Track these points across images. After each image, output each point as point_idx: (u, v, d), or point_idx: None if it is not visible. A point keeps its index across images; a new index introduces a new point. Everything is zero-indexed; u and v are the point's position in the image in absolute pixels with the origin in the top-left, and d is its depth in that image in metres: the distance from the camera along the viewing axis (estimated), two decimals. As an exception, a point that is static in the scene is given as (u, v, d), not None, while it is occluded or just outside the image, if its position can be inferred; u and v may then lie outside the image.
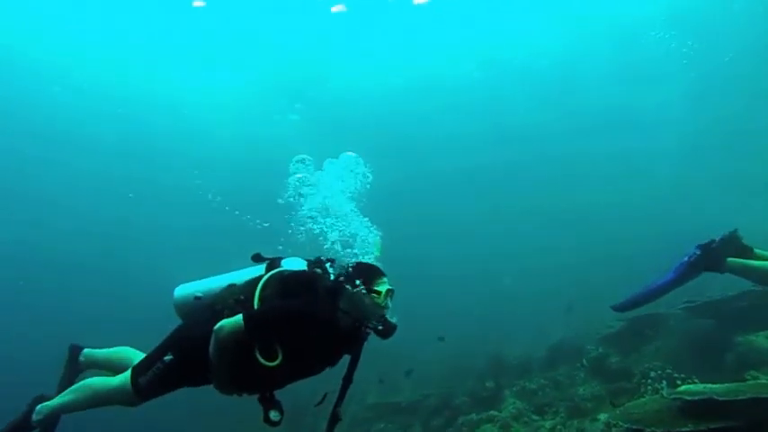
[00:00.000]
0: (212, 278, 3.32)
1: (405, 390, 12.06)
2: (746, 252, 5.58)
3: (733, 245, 5.61)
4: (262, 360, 2.71)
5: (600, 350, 9.63)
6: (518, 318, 19.27)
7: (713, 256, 5.58)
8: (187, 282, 3.40)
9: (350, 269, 3.03)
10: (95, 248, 23.68)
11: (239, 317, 2.74)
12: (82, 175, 21.34)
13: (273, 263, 3.25)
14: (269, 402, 2.86)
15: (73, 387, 3.22)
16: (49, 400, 3.27)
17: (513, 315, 20.47)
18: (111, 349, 3.52)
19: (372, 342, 3.08)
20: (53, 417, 3.23)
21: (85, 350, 3.59)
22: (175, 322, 3.29)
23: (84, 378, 3.38)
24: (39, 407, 3.23)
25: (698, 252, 5.70)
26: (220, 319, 2.80)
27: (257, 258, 3.32)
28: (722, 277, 5.89)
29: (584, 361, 9.35)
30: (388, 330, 2.93)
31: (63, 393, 3.22)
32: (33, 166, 20.49)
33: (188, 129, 20.04)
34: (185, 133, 20.10)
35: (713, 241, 5.67)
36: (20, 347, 20.77)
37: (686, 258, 5.81)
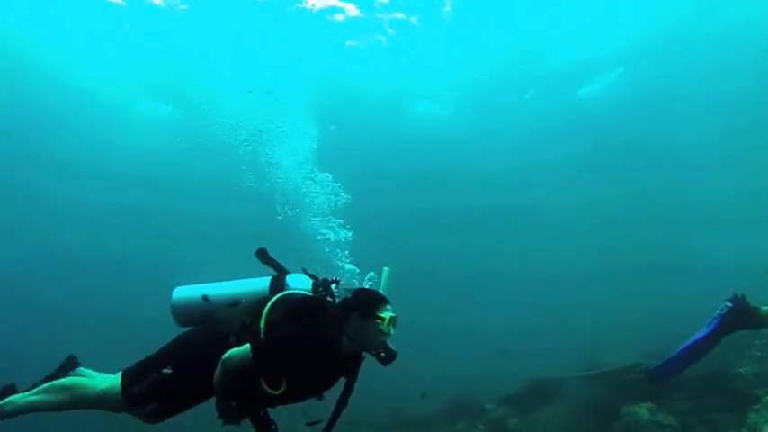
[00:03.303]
0: (214, 284, 3.26)
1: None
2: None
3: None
4: (267, 389, 2.72)
5: (500, 410, 9.66)
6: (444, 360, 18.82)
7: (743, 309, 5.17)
8: (185, 285, 3.29)
9: (355, 295, 3.02)
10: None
11: (248, 348, 2.72)
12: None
13: (278, 278, 3.20)
14: (264, 426, 2.86)
15: (45, 386, 3.04)
16: (18, 392, 3.08)
17: (442, 356, 19.91)
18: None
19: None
20: (19, 413, 3.02)
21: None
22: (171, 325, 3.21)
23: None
24: (4, 401, 3.02)
25: (729, 304, 5.26)
26: (226, 344, 2.81)
27: (262, 256, 3.28)
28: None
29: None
30: (390, 357, 2.91)
31: (33, 391, 3.04)
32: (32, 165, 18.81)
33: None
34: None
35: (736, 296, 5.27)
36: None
37: (719, 312, 5.32)
